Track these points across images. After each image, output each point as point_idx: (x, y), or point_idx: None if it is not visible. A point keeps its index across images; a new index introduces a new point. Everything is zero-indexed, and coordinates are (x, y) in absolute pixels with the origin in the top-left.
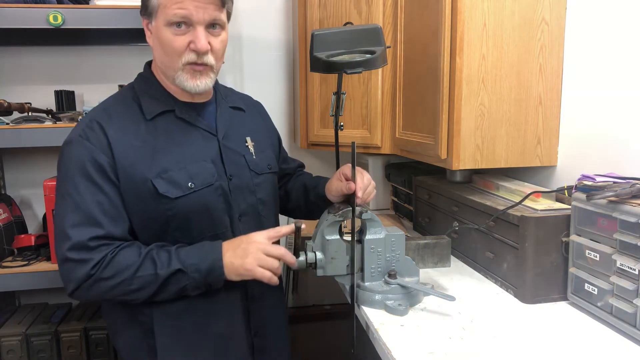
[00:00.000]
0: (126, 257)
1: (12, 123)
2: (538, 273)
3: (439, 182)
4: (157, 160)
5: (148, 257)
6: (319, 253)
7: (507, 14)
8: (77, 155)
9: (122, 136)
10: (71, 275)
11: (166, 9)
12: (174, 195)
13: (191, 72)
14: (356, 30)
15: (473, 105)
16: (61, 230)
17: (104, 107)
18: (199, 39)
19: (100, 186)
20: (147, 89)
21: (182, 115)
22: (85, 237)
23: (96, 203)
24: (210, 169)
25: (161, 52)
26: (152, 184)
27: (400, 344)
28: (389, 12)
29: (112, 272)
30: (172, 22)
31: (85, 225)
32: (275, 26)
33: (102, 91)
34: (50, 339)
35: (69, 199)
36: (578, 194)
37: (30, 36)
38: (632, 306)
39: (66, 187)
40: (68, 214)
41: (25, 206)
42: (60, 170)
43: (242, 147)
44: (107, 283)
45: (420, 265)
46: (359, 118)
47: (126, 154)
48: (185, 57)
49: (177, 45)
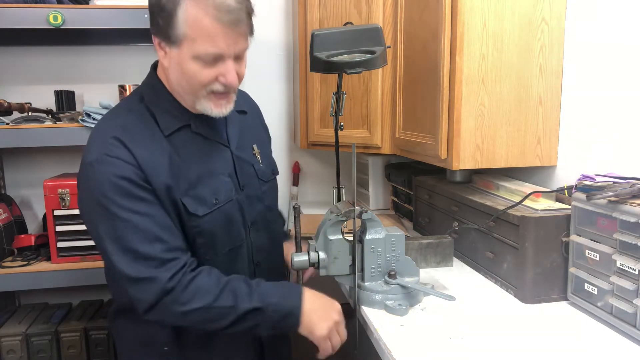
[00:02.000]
0: (205, 282)
1: (12, 123)
2: (538, 273)
3: (439, 182)
4: (182, 176)
5: (228, 288)
6: (321, 253)
7: (507, 14)
8: (109, 174)
9: (147, 154)
10: (143, 294)
11: (195, 43)
12: (201, 212)
13: (215, 101)
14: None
15: (473, 105)
16: (121, 251)
17: (121, 122)
18: (230, 74)
19: (145, 199)
20: (157, 101)
21: (198, 130)
22: (149, 252)
23: (147, 217)
24: (228, 183)
25: (182, 80)
26: (182, 202)
27: (400, 344)
28: (389, 12)
29: (190, 295)
30: (201, 57)
31: (145, 241)
32: (275, 26)
33: (102, 91)
34: (50, 339)
35: (118, 220)
36: (578, 194)
37: (30, 36)
38: (632, 306)
39: (109, 207)
40: (124, 234)
41: (25, 206)
42: (89, 191)
43: (251, 156)
44: (184, 307)
45: (422, 265)
46: (359, 118)
47: (155, 171)
48: (210, 87)
49: (204, 79)
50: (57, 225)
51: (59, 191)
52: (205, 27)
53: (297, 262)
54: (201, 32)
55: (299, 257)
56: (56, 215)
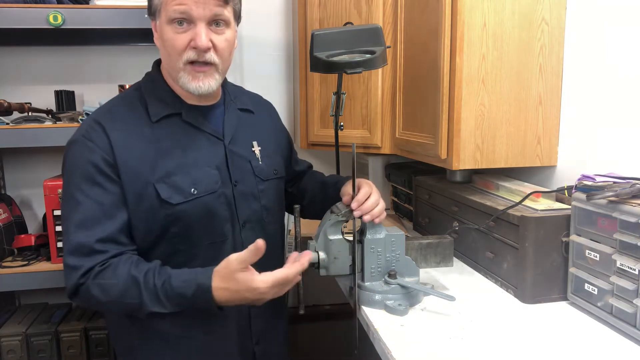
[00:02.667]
0: (112, 274)
1: (12, 123)
2: (538, 273)
3: (439, 182)
4: (160, 164)
5: (135, 285)
6: (321, 253)
7: (507, 14)
8: (79, 156)
9: (125, 138)
10: (66, 281)
11: (167, 5)
12: (175, 201)
13: (193, 72)
14: (356, 30)
15: (473, 105)
16: (65, 232)
17: (109, 107)
18: (199, 36)
19: (103, 186)
20: (153, 90)
21: (189, 119)
22: (82, 240)
23: (96, 204)
24: (214, 176)
25: (164, 52)
26: (155, 188)
27: (400, 344)
28: (389, 12)
29: (98, 290)
30: (172, 19)
31: (85, 228)
32: (275, 26)
33: (102, 91)
34: (50, 339)
35: (72, 201)
36: (578, 194)
37: (30, 36)
38: (632, 306)
39: (70, 189)
40: (70, 216)
41: (25, 206)
42: (64, 172)
43: (249, 152)
44: (96, 299)
45: (422, 264)
46: (359, 118)
47: (128, 155)
48: (185, 56)
49: (177, 44)
50: (57, 225)
51: (59, 191)
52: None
53: None
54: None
55: None
56: (56, 215)
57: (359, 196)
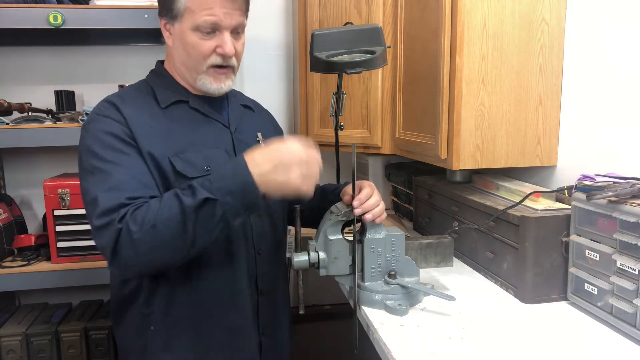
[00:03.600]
0: (149, 206)
1: (12, 123)
2: (538, 273)
3: (439, 182)
4: (173, 140)
5: (170, 195)
6: (321, 253)
7: (507, 14)
8: (96, 130)
9: (138, 115)
10: (100, 242)
11: (194, 14)
12: (190, 174)
13: (215, 75)
14: (356, 30)
15: (473, 105)
16: (91, 201)
17: (119, 93)
18: (226, 44)
19: (126, 152)
20: (160, 82)
21: (196, 106)
22: (114, 202)
23: (123, 168)
24: (224, 156)
25: (184, 54)
26: (170, 161)
27: (400, 344)
28: (389, 12)
29: (137, 223)
30: (200, 27)
31: (115, 190)
32: (275, 26)
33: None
34: (50, 339)
35: (96, 171)
36: (578, 194)
37: (30, 36)
38: (632, 306)
39: (92, 162)
40: (97, 184)
41: (25, 206)
42: (81, 150)
43: (254, 141)
44: (137, 237)
45: (422, 264)
46: (359, 118)
47: (143, 130)
48: (210, 60)
49: (204, 50)
50: (57, 225)
51: (59, 191)
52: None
53: (297, 262)
54: (200, 3)
55: (299, 257)
56: (56, 215)
57: (361, 195)
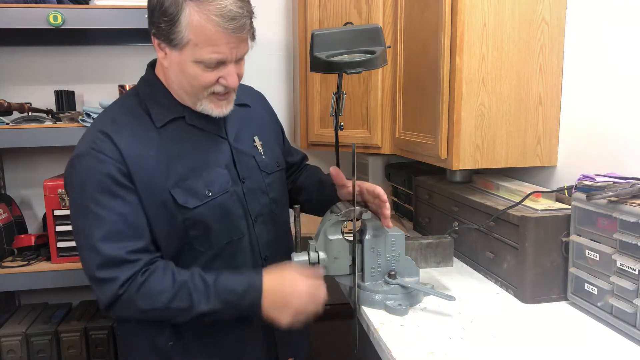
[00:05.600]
0: (157, 284)
1: (12, 123)
2: (538, 273)
3: (439, 182)
4: (172, 168)
5: (183, 289)
6: (321, 253)
7: (507, 14)
8: (91, 169)
9: (134, 146)
10: (101, 294)
11: (198, 49)
12: (192, 205)
13: (216, 101)
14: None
15: (473, 105)
16: (88, 247)
17: (111, 116)
18: (231, 77)
19: (122, 197)
20: (152, 95)
21: (193, 122)
22: (115, 253)
23: (120, 216)
24: (224, 176)
25: (184, 82)
26: (171, 194)
27: (400, 344)
28: (389, 12)
29: (142, 299)
30: (204, 62)
31: (112, 241)
32: (275, 26)
33: (102, 91)
34: (50, 339)
35: (92, 215)
36: (578, 194)
37: (30, 36)
38: (632, 306)
39: (86, 203)
40: (92, 231)
41: (25, 206)
42: (73, 185)
43: (251, 148)
44: (139, 307)
45: (422, 265)
46: (359, 118)
47: (141, 164)
48: (211, 89)
49: (206, 82)
50: (57, 225)
51: (59, 191)
52: (208, 34)
53: (297, 262)
54: (205, 39)
55: (299, 257)
56: (56, 215)
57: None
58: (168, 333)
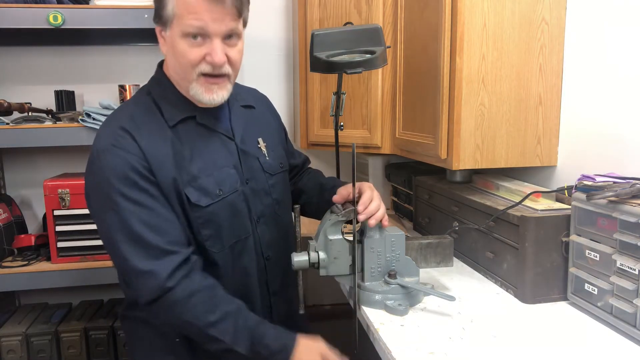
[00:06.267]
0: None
1: (12, 123)
2: (538, 273)
3: (439, 182)
4: (186, 167)
5: (231, 317)
6: (321, 253)
7: (507, 14)
8: (115, 165)
9: (153, 144)
10: (143, 288)
11: (182, 19)
12: (204, 203)
13: (206, 85)
14: (356, 30)
15: (473, 105)
16: (124, 240)
17: (129, 113)
18: (215, 52)
19: (148, 192)
20: (163, 94)
21: (203, 121)
22: (153, 242)
23: (150, 209)
24: (233, 175)
25: (176, 63)
26: (185, 193)
27: (400, 344)
28: (389, 12)
29: (190, 307)
30: (187, 33)
31: (150, 231)
32: (275, 26)
33: (102, 91)
34: (50, 339)
35: (123, 209)
36: (578, 194)
37: (30, 36)
38: (632, 306)
39: (114, 198)
40: (127, 223)
41: (25, 206)
42: (96, 181)
43: (256, 149)
44: (181, 315)
45: (422, 265)
46: (359, 118)
47: (159, 162)
48: (199, 68)
49: (192, 58)
50: (57, 225)
51: (59, 191)
52: (190, 2)
53: (297, 262)
54: (187, 7)
55: (299, 257)
56: (56, 215)
57: (364, 199)
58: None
